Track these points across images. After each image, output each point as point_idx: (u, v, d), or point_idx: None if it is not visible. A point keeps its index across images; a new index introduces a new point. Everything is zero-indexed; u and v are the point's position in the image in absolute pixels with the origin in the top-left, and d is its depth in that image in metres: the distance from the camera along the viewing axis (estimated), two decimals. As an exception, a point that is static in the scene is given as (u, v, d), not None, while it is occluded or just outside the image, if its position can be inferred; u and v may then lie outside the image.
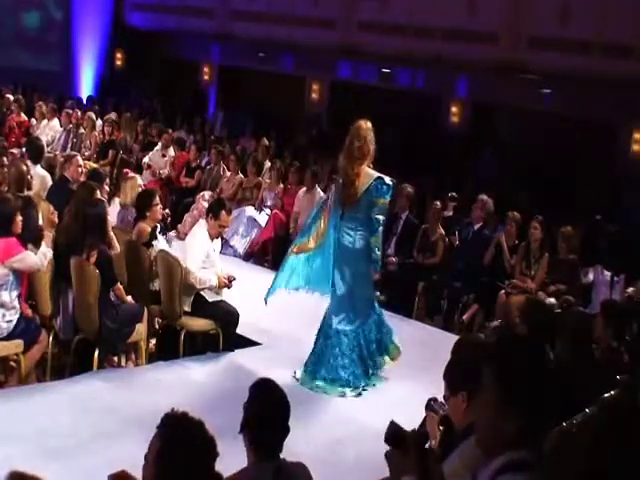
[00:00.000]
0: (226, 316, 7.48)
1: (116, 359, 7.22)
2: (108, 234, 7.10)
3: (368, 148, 6.95)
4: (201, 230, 7.53)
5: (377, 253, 7.10)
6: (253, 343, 7.87)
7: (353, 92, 16.60)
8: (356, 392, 6.98)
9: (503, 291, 8.89)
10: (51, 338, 6.80)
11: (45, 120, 15.20)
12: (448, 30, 14.10)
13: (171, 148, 13.46)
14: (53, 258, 6.76)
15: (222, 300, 7.56)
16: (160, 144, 13.50)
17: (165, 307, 7.39)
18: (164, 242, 7.85)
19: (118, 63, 21.53)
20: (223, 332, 7.46)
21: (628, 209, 12.26)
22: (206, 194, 11.59)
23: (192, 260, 7.31)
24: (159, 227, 7.89)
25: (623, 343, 6.24)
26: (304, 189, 11.16)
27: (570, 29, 12.55)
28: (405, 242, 10.10)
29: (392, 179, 7.13)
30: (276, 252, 11.06)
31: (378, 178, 6.98)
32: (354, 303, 7.12)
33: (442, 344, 5.44)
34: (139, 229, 7.67)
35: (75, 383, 6.59)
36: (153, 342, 7.55)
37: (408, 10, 14.76)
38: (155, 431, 2.76)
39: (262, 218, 11.49)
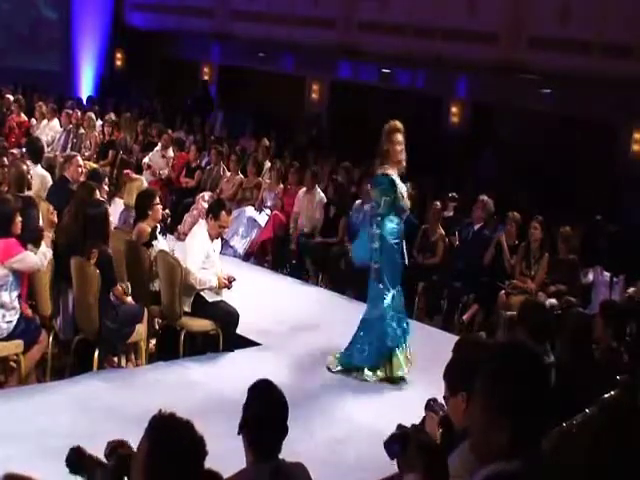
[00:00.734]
0: (226, 316, 7.48)
1: (116, 359, 7.21)
2: (108, 235, 7.10)
3: (381, 148, 7.23)
4: (201, 230, 7.54)
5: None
6: (253, 343, 7.86)
7: (353, 92, 16.61)
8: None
9: (503, 291, 8.90)
10: (51, 338, 6.80)
11: (45, 120, 15.17)
12: (448, 30, 14.10)
13: (170, 149, 13.44)
14: (53, 258, 6.76)
15: (222, 300, 7.56)
16: (160, 144, 13.49)
17: (165, 307, 7.39)
18: (164, 242, 7.84)
19: (118, 63, 21.53)
20: (223, 332, 7.45)
21: (628, 209, 12.25)
22: (206, 194, 11.60)
23: (192, 260, 7.32)
24: (159, 227, 7.89)
25: (623, 343, 6.25)
26: (304, 189, 11.14)
27: (570, 29, 12.56)
28: (405, 242, 10.06)
29: (387, 174, 7.21)
30: (276, 252, 11.07)
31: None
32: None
33: (442, 344, 5.43)
34: (139, 229, 7.67)
35: (75, 383, 6.58)
36: (153, 342, 7.55)
37: (408, 10, 14.77)
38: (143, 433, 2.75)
39: (262, 218, 11.46)
